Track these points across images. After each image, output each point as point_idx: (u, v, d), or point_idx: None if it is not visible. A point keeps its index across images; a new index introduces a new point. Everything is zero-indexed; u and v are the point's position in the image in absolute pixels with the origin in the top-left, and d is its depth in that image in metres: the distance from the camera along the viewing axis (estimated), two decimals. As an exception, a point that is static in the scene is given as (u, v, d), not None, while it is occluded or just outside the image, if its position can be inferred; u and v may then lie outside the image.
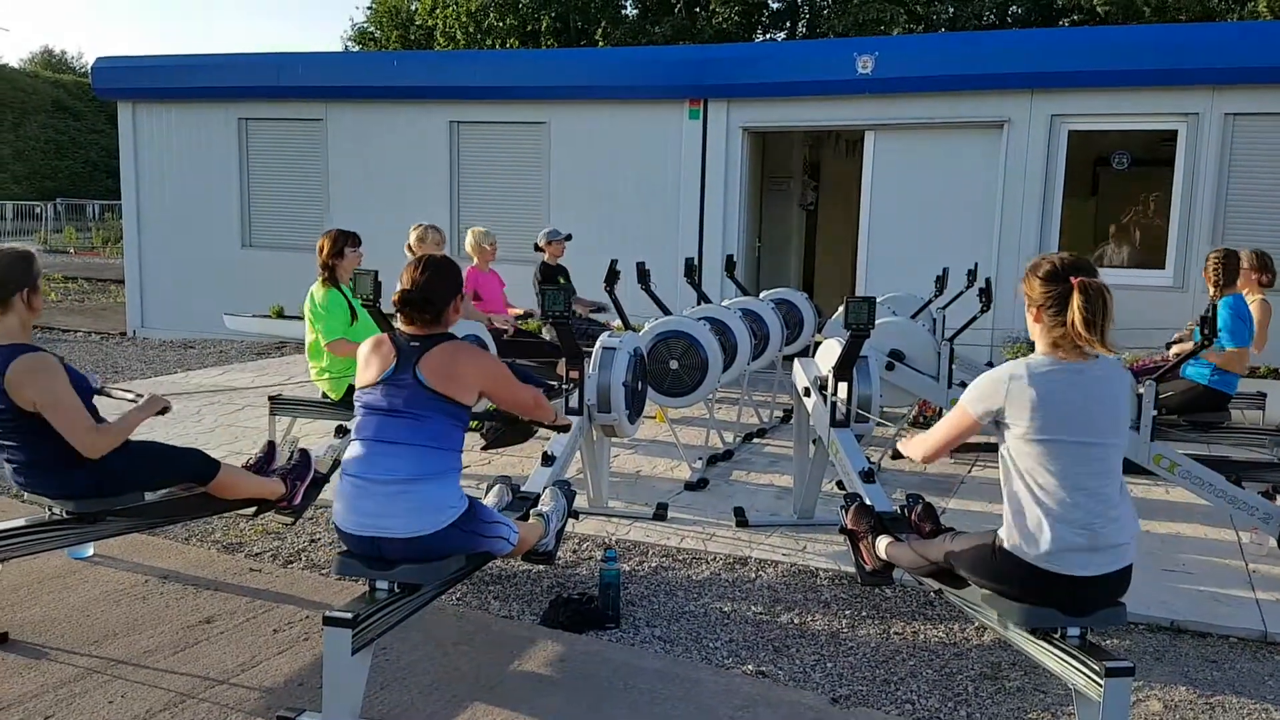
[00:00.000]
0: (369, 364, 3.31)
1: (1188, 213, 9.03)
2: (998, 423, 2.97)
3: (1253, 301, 6.02)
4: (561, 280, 7.80)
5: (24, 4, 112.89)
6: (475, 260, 7.43)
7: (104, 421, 3.63)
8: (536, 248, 8.01)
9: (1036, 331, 2.99)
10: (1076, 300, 2.82)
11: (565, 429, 4.50)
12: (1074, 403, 2.87)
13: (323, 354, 5.76)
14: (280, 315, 10.20)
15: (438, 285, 3.31)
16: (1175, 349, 6.23)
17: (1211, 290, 5.82)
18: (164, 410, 3.92)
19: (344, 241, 5.68)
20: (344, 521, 3.22)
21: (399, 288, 3.33)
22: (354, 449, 3.30)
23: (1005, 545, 2.96)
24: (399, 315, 3.36)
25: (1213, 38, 9.36)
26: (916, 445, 3.38)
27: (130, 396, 4.15)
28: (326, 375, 5.82)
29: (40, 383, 3.46)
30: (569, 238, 8.05)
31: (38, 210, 30.52)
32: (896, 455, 4.04)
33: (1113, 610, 2.95)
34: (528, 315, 7.73)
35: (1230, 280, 5.79)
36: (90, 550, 4.47)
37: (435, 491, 3.21)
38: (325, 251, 5.67)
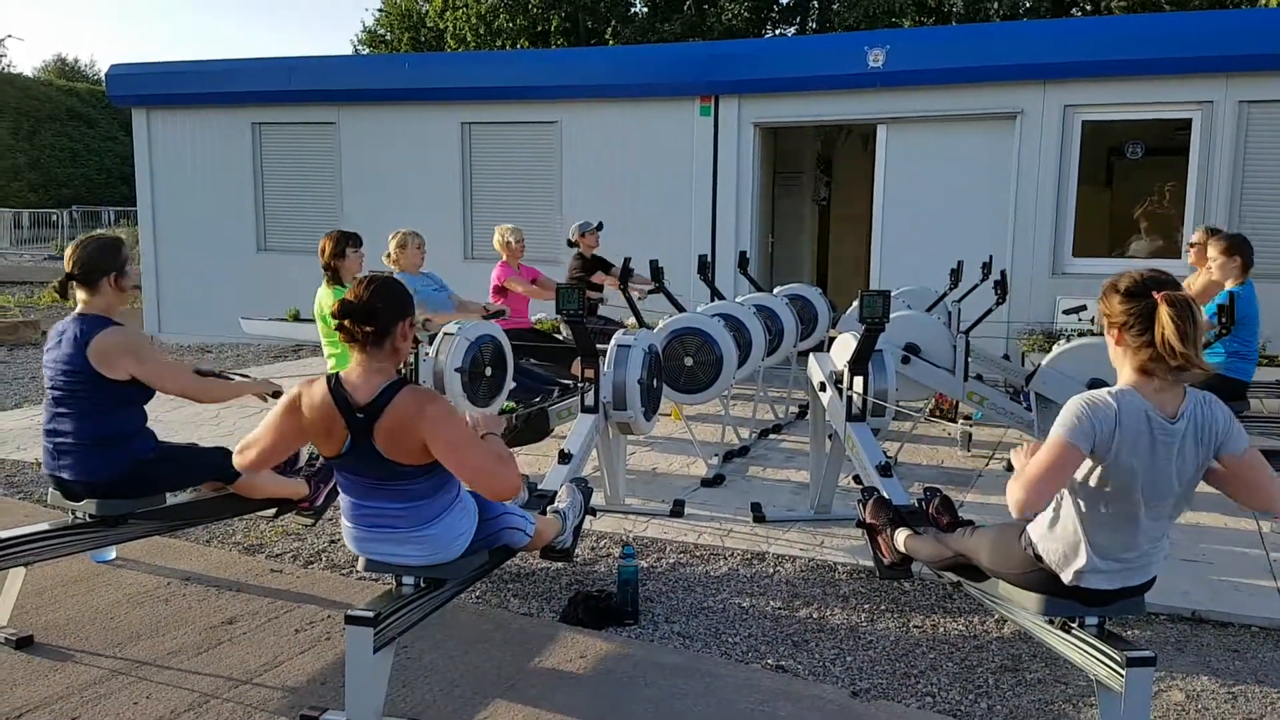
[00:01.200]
0: (318, 437, 3.00)
1: (1203, 201, 8.97)
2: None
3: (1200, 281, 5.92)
4: (611, 267, 7.77)
5: (37, 14, 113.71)
6: (504, 257, 7.43)
7: None
8: (570, 243, 8.02)
9: (1118, 356, 2.75)
10: (1165, 313, 2.58)
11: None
12: (1157, 466, 2.67)
13: (341, 354, 5.82)
14: (296, 318, 10.22)
15: (382, 299, 2.95)
16: None
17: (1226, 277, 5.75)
18: (276, 394, 4.10)
19: (345, 242, 5.75)
20: (357, 550, 3.21)
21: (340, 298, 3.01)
22: (346, 501, 3.15)
23: (1035, 550, 2.92)
24: (338, 332, 2.97)
25: (1226, 25, 9.30)
26: (1014, 494, 2.71)
27: (250, 379, 4.36)
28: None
29: (131, 344, 3.69)
30: (600, 226, 8.04)
31: (53, 218, 30.73)
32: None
33: (1131, 600, 2.94)
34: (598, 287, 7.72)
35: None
36: (113, 553, 4.51)
37: (443, 531, 3.14)
38: (327, 253, 5.75)
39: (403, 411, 2.90)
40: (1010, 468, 3.14)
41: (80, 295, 3.79)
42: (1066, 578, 2.83)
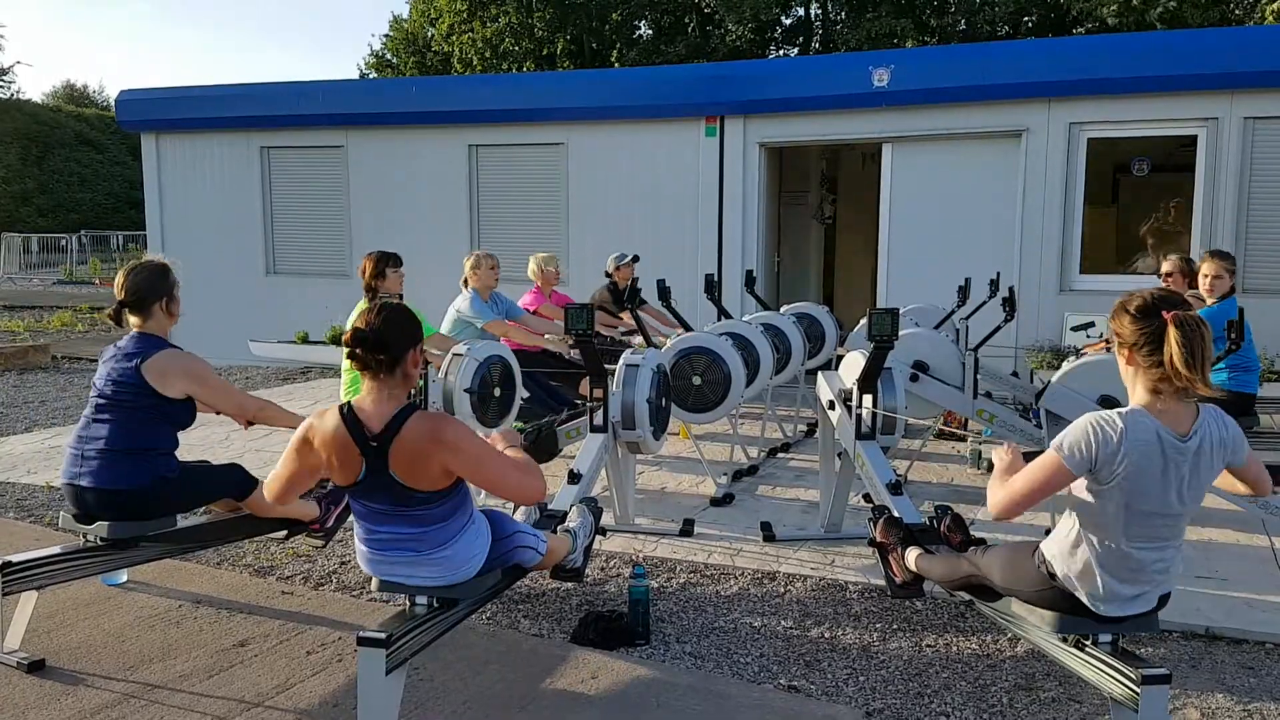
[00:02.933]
0: (332, 464, 3.01)
1: (1210, 218, 8.97)
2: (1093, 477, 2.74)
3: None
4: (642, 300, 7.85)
5: (46, 41, 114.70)
6: (538, 284, 7.53)
7: None
8: (607, 274, 8.23)
9: (1130, 375, 2.77)
10: (1173, 335, 2.60)
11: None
12: (1168, 483, 2.69)
13: (353, 376, 5.87)
14: (305, 341, 10.27)
15: (393, 329, 2.98)
16: None
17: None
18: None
19: (385, 263, 5.82)
20: (371, 573, 3.23)
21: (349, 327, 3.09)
22: (360, 526, 3.16)
23: (1049, 568, 2.93)
24: (350, 360, 3.01)
25: (1230, 42, 9.33)
26: (995, 496, 2.92)
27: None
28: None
29: (181, 366, 3.85)
30: (636, 259, 8.27)
31: (62, 242, 30.94)
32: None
33: (1146, 618, 2.93)
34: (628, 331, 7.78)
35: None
36: (124, 576, 4.52)
37: (458, 552, 3.15)
38: (368, 273, 5.81)
39: (417, 437, 2.92)
40: (991, 468, 3.17)
41: (133, 320, 3.93)
42: (1082, 598, 2.84)
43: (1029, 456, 2.94)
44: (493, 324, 6.61)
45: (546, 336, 7.15)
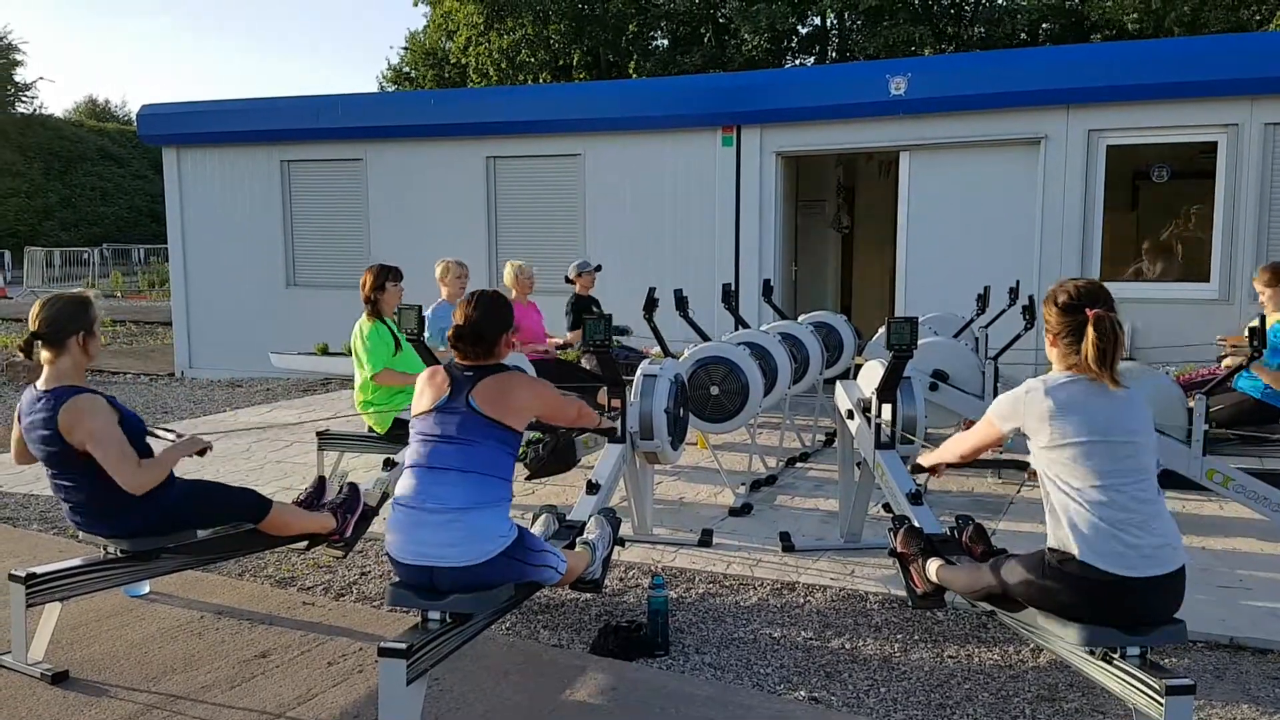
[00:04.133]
0: (423, 394, 3.44)
1: (1230, 224, 8.91)
2: (1024, 437, 3.08)
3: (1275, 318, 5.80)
4: (596, 310, 7.84)
5: (68, 56, 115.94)
6: (514, 293, 7.50)
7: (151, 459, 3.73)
8: (567, 280, 8.08)
9: (1053, 355, 3.11)
10: (1090, 335, 2.91)
11: (611, 432, 4.70)
12: (1092, 407, 2.93)
13: (369, 388, 5.87)
14: (325, 352, 10.33)
15: (489, 320, 3.46)
16: (1226, 361, 6.12)
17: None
18: (203, 451, 3.95)
19: (385, 276, 5.87)
20: (397, 551, 3.28)
21: (453, 323, 3.50)
22: (406, 479, 3.38)
23: (1052, 559, 2.98)
24: (453, 349, 3.49)
25: (1250, 48, 9.27)
26: (947, 450, 3.62)
27: (171, 436, 4.19)
28: (372, 409, 5.92)
29: (85, 422, 3.57)
30: (599, 269, 8.15)
31: (85, 256, 31.21)
32: (917, 469, 4.07)
33: (1173, 628, 2.91)
34: (566, 346, 7.76)
35: None
36: (146, 588, 4.54)
37: (486, 521, 3.27)
38: (368, 286, 5.86)
39: (505, 378, 3.41)
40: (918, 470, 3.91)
41: (45, 355, 3.67)
42: (1085, 555, 2.89)
43: None
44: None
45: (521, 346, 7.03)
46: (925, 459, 3.89)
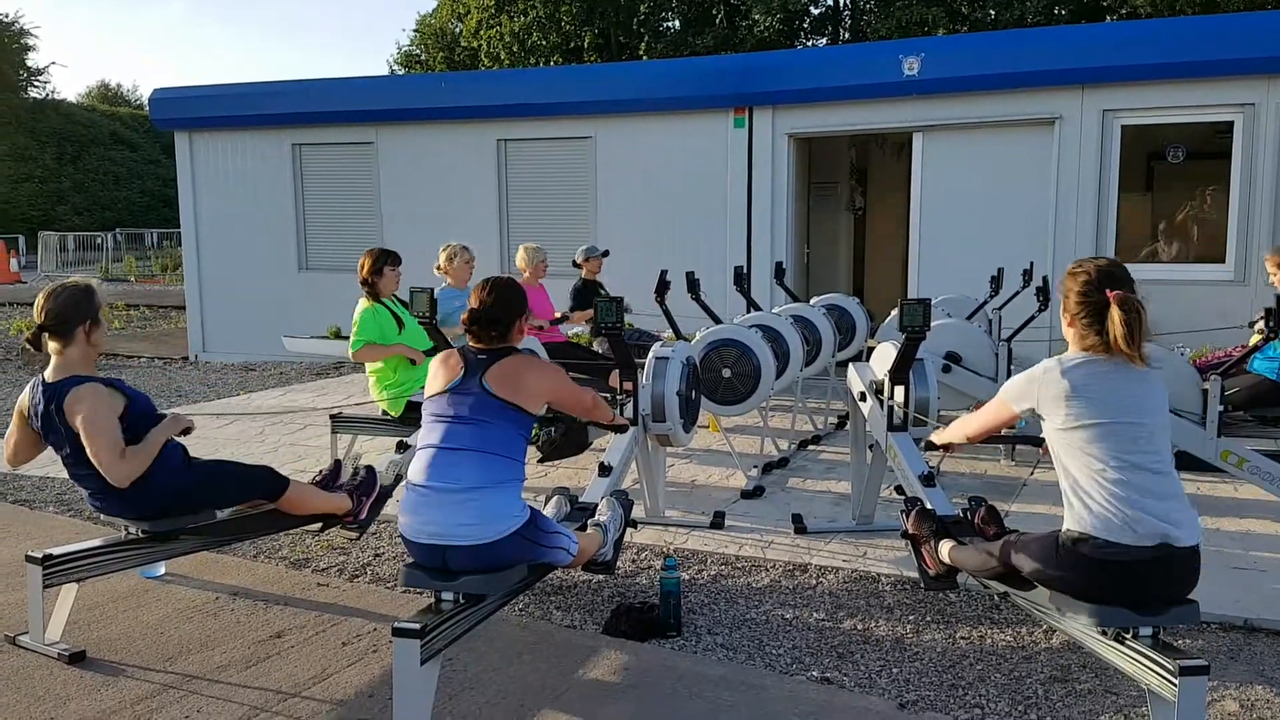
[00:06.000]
0: (437, 375, 3.48)
1: (1247, 205, 8.83)
2: (1039, 418, 3.08)
3: None
4: (603, 292, 7.82)
5: (81, 41, 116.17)
6: (526, 275, 7.49)
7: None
8: (575, 264, 8.09)
9: (1070, 335, 3.10)
10: (1117, 315, 2.90)
11: (623, 429, 4.64)
12: (1107, 388, 2.93)
13: (385, 368, 5.97)
14: (338, 336, 10.37)
15: (504, 305, 3.51)
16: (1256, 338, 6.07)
17: None
18: (186, 430, 3.92)
19: (383, 260, 5.97)
20: (410, 531, 3.30)
21: (468, 307, 3.56)
22: (419, 459, 3.40)
23: (1067, 540, 2.98)
24: (468, 334, 3.54)
25: (1266, 26, 9.15)
26: (958, 429, 3.64)
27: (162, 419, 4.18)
28: (385, 393, 5.95)
29: (78, 411, 3.59)
30: (606, 254, 8.15)
31: (98, 240, 31.34)
32: (930, 447, 4.08)
33: (1185, 608, 2.90)
34: (563, 318, 7.70)
35: None
36: (162, 569, 4.58)
37: (499, 500, 3.28)
38: (365, 269, 5.98)
39: (518, 360, 3.47)
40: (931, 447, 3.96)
41: (53, 346, 3.70)
42: (1098, 531, 2.88)
43: None
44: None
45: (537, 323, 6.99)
46: (936, 436, 3.90)
